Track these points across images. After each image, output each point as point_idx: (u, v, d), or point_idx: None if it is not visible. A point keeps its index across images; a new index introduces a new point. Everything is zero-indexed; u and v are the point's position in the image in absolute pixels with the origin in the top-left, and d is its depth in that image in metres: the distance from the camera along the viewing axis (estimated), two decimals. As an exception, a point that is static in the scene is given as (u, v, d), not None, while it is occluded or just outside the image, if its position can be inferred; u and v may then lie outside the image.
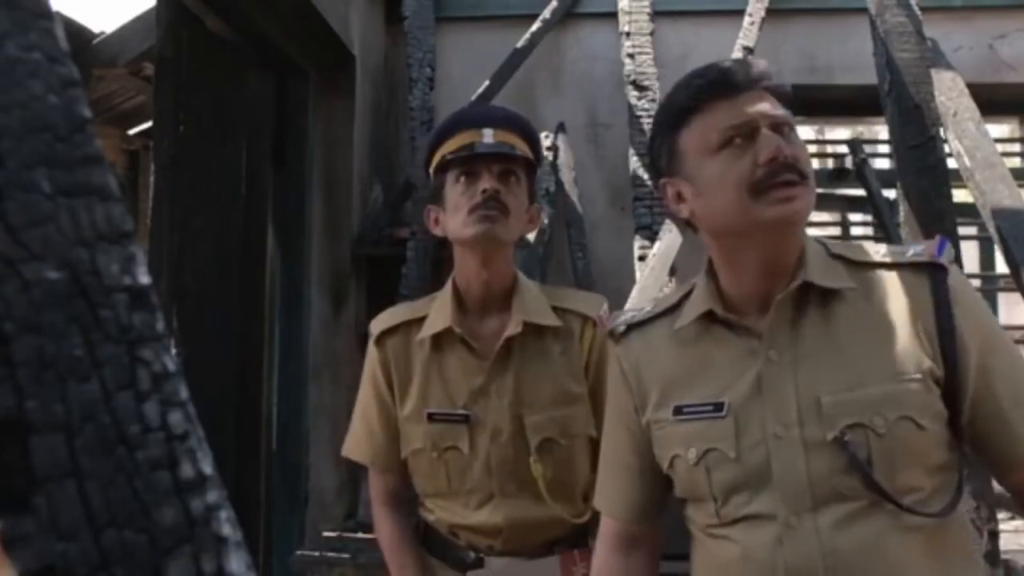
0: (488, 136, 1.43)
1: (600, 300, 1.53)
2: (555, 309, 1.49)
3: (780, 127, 1.01)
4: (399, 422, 1.51)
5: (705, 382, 1.07)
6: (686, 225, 1.13)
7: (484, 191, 1.40)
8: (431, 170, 1.52)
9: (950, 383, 0.99)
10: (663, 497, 1.17)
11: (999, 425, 1.00)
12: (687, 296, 1.14)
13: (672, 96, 1.09)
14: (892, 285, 1.03)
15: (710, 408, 1.05)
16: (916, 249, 1.05)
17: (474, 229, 1.40)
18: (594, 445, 1.47)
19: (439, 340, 1.48)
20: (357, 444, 1.58)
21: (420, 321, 1.50)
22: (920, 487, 0.98)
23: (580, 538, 1.49)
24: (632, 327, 1.18)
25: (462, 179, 1.44)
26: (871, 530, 0.96)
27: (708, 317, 1.08)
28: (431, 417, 1.46)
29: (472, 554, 1.48)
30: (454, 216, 1.44)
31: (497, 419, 1.44)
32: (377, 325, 1.55)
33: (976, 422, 1.00)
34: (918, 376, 0.98)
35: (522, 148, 1.46)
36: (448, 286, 1.51)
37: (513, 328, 1.44)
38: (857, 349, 1.00)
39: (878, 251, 1.08)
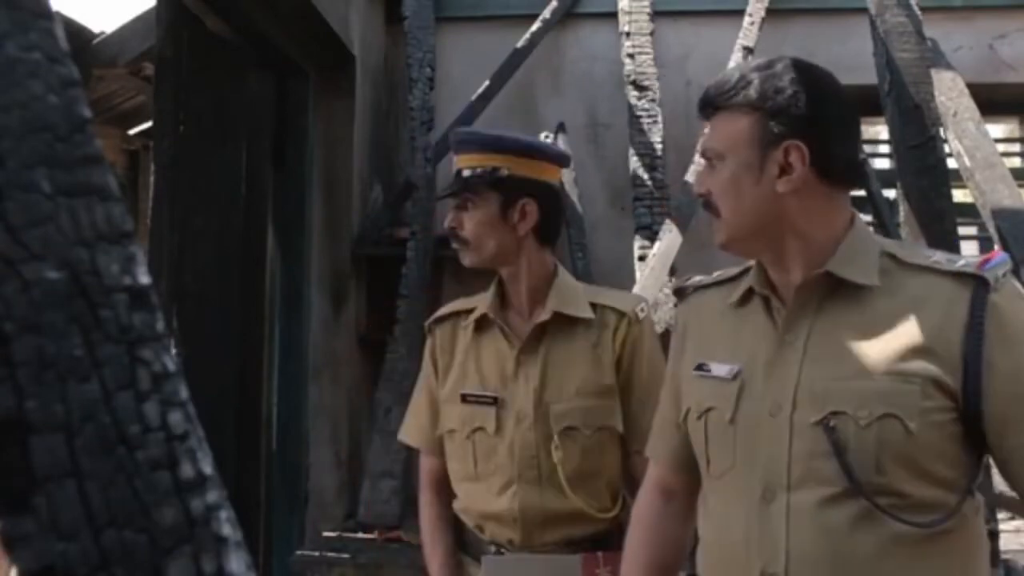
0: (455, 163, 1.57)
1: (639, 299, 1.63)
2: (593, 305, 1.55)
3: (709, 159, 1.11)
4: (440, 404, 1.59)
5: (729, 347, 1.13)
6: None
7: (451, 229, 1.56)
8: None
9: (970, 401, 0.97)
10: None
11: None
12: (748, 270, 1.18)
13: None
14: (930, 290, 1.02)
15: (723, 370, 1.11)
16: (968, 259, 1.04)
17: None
18: (622, 439, 1.51)
19: (480, 326, 1.56)
20: (408, 428, 1.68)
21: (470, 312, 1.60)
22: (906, 494, 0.97)
23: (606, 539, 1.48)
24: (699, 288, 1.25)
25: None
26: (843, 520, 0.98)
27: (751, 292, 1.14)
28: (464, 398, 1.53)
29: (493, 548, 1.50)
30: None
31: (522, 404, 1.49)
32: (432, 316, 1.67)
33: (1004, 448, 0.98)
34: (917, 380, 0.97)
35: (483, 163, 1.54)
36: (496, 281, 1.60)
37: (544, 315, 1.50)
38: (867, 344, 1.01)
39: (931, 255, 1.07)
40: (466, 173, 1.53)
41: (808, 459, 1.00)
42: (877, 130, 5.65)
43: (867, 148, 4.89)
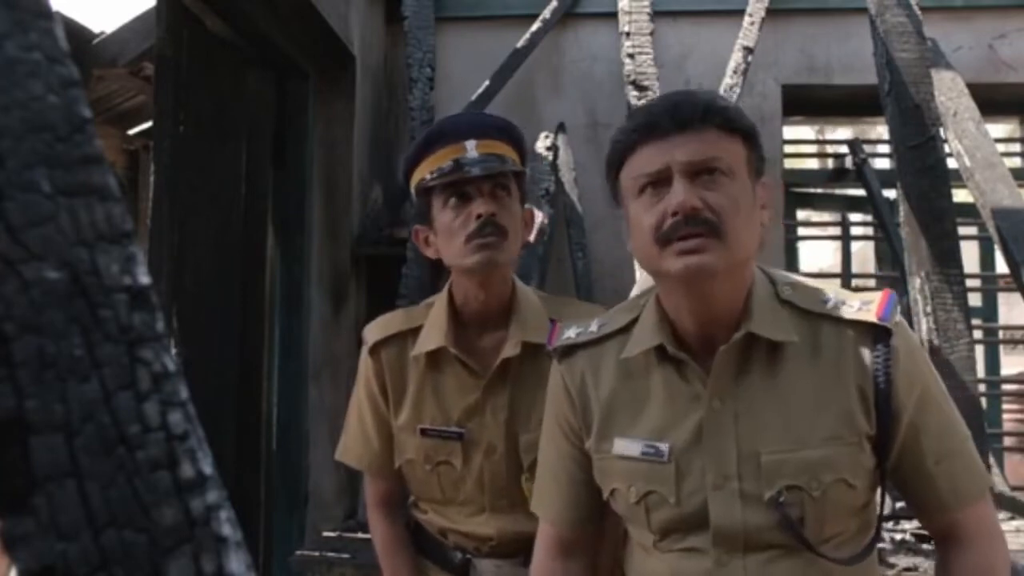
0: (471, 149, 1.35)
1: (600, 310, 1.47)
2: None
3: (700, 173, 0.98)
4: (394, 430, 1.49)
5: (646, 420, 1.07)
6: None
7: (479, 216, 1.33)
8: (413, 188, 1.44)
9: (881, 438, 1.03)
10: (602, 506, 1.17)
11: (923, 478, 1.04)
12: (635, 321, 1.12)
13: (616, 133, 1.08)
14: (837, 342, 1.03)
15: (652, 451, 1.05)
16: (864, 303, 1.04)
17: (474, 259, 1.34)
18: None
19: (435, 356, 1.43)
20: (351, 449, 1.56)
21: (416, 331, 1.45)
22: (843, 531, 1.03)
23: None
24: (577, 347, 1.15)
25: (452, 201, 1.35)
26: (794, 570, 1.01)
27: (657, 351, 1.07)
28: (424, 432, 1.44)
29: (459, 554, 1.47)
30: (449, 242, 1.37)
31: (492, 437, 1.41)
32: (372, 334, 1.49)
33: (902, 471, 1.05)
34: (854, 440, 1.01)
35: (510, 155, 1.40)
36: (444, 297, 1.45)
37: (511, 350, 1.39)
38: (798, 407, 1.02)
39: (827, 300, 1.06)
40: (494, 162, 1.35)
41: (763, 531, 1.01)
42: (877, 130, 5.65)
43: (867, 148, 4.89)
